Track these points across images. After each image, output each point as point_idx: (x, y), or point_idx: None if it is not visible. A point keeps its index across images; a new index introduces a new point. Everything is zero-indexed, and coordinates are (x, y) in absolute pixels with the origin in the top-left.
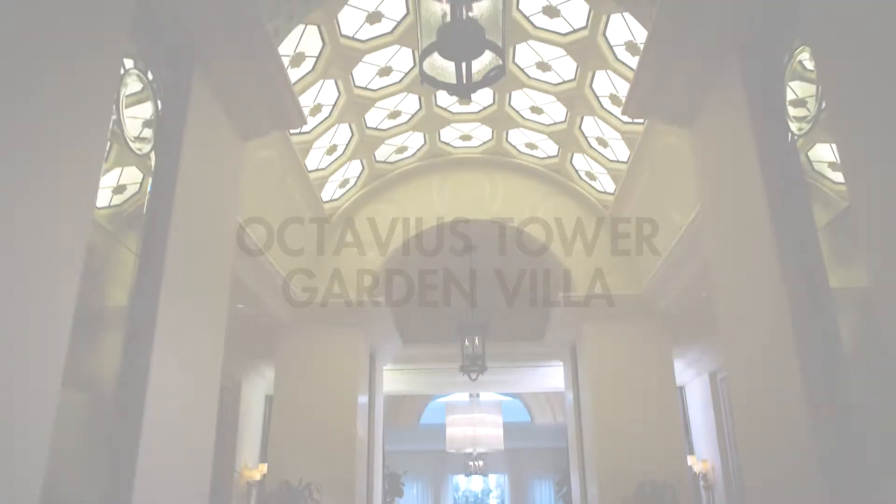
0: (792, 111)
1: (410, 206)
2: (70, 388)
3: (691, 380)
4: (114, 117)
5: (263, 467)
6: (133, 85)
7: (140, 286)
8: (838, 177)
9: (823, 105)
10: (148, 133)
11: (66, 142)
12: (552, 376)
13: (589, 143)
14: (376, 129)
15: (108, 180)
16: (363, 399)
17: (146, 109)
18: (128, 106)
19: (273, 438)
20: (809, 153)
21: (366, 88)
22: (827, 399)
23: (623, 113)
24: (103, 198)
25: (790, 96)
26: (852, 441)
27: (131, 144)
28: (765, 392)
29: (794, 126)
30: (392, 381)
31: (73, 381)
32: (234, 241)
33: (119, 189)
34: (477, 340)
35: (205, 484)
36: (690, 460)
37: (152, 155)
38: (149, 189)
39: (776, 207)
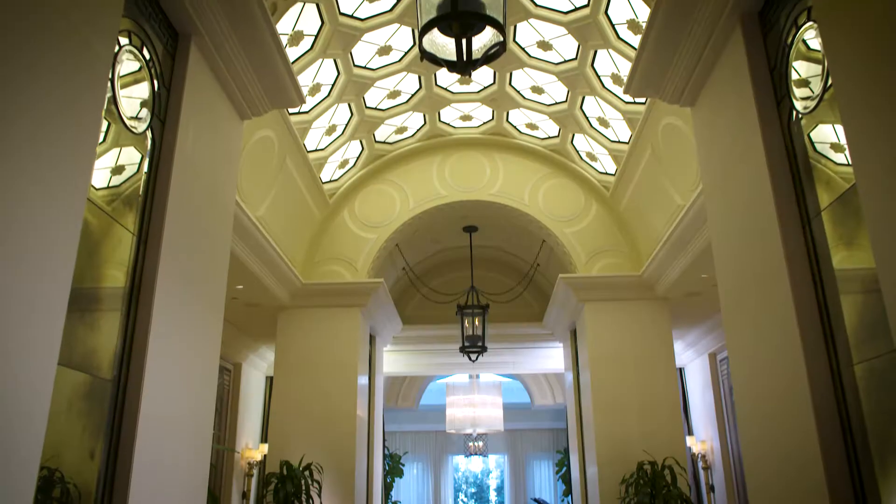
0: (797, 91)
1: (410, 187)
2: (67, 369)
3: (691, 361)
4: (109, 95)
5: (264, 447)
6: (129, 64)
7: (138, 266)
8: (841, 158)
9: (829, 83)
10: (144, 112)
11: (60, 120)
12: (552, 357)
13: (590, 123)
14: (376, 108)
15: (106, 161)
16: (363, 380)
17: (143, 88)
18: (124, 86)
19: (273, 419)
20: (812, 134)
21: (365, 68)
22: (830, 381)
23: (625, 92)
24: (101, 179)
25: (795, 75)
26: (856, 424)
27: (128, 123)
28: (767, 374)
29: (799, 105)
30: (392, 361)
31: (71, 362)
32: (231, 220)
33: (118, 170)
34: (477, 322)
35: (205, 464)
36: (689, 441)
37: (148, 133)
38: (145, 168)
39: (780, 187)
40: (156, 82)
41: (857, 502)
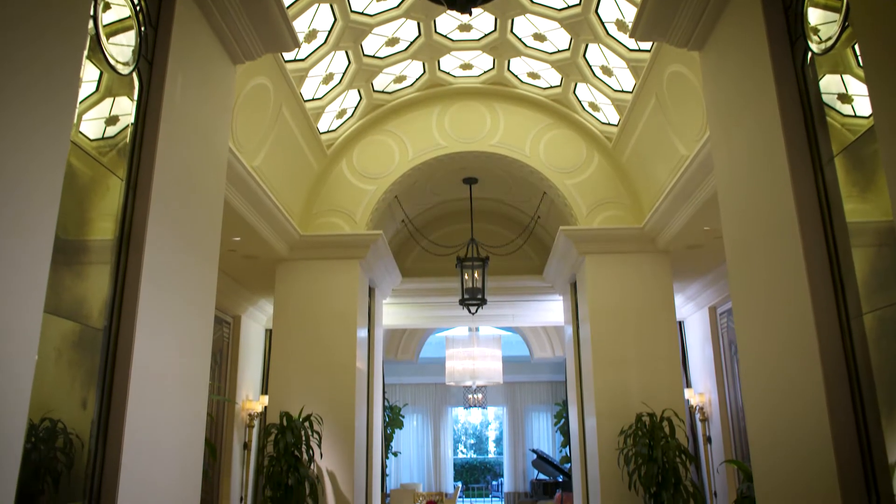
0: (812, 33)
1: (409, 138)
2: (57, 317)
3: (690, 314)
4: (92, 33)
5: (264, 399)
6: (118, 10)
7: (127, 213)
8: (856, 102)
9: (848, 22)
10: (131, 54)
11: (40, 62)
12: (552, 310)
13: (593, 71)
14: (374, 57)
15: (98, 112)
16: (362, 332)
17: (130, 31)
18: (109, 27)
19: (273, 371)
20: (827, 76)
21: (363, 14)
22: (838, 331)
23: (630, 36)
24: (94, 129)
25: (812, 14)
26: (864, 374)
27: (113, 63)
28: (773, 325)
29: (814, 46)
30: (391, 314)
31: (59, 310)
32: (225, 167)
33: (111, 120)
34: (476, 274)
35: (201, 414)
36: (687, 393)
37: (135, 76)
38: (133, 112)
39: (791, 132)
40: (142, 19)
41: (862, 453)
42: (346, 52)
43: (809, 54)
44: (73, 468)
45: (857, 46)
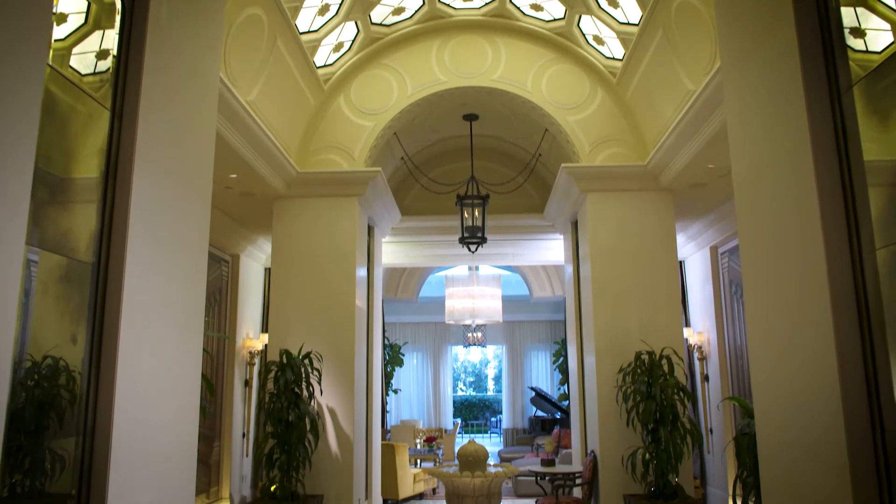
0: None
1: (408, 73)
2: (43, 250)
3: (691, 254)
4: None
5: (265, 337)
6: None
7: (113, 143)
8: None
9: None
10: None
11: None
12: (552, 249)
13: (598, 3)
14: None
15: (90, 44)
16: (361, 270)
17: None
18: None
19: (273, 309)
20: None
21: None
22: (850, 267)
23: None
24: (87, 63)
25: None
26: (874, 313)
27: None
28: (780, 262)
29: None
30: (391, 253)
31: (44, 243)
32: (216, 99)
33: (102, 55)
34: (477, 212)
35: (197, 349)
36: (686, 332)
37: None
38: (116, 38)
39: (809, 57)
40: None
41: (870, 391)
42: None
43: None
44: (67, 404)
45: None
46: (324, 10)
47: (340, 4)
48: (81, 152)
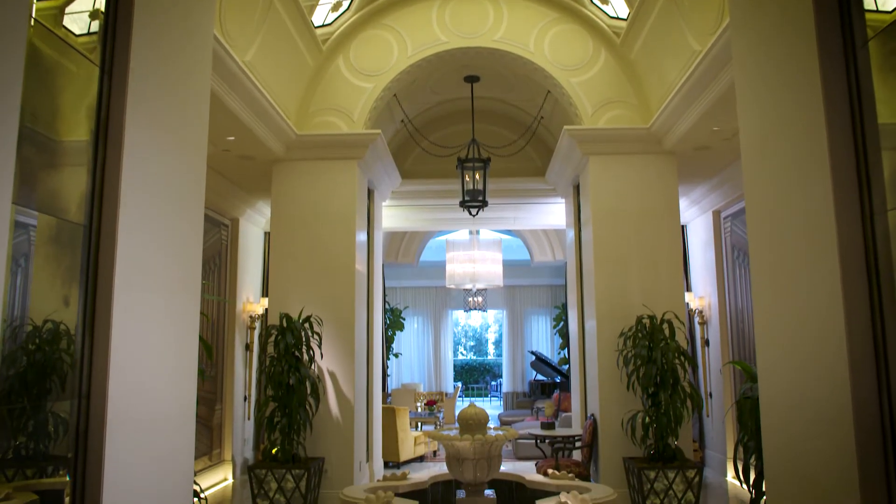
0: None
1: (408, 33)
2: (29, 210)
3: (694, 218)
4: None
5: (265, 302)
6: None
7: (103, 100)
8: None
9: None
10: None
11: None
12: (553, 213)
13: None
14: None
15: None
16: (361, 234)
17: None
18: None
19: (273, 273)
20: None
21: None
22: (860, 230)
23: None
24: (75, 19)
25: None
26: (885, 276)
27: None
28: (788, 225)
29: None
30: (391, 217)
31: (33, 203)
32: (209, 55)
33: (92, 11)
34: (478, 176)
35: (194, 311)
36: (687, 297)
37: None
38: None
39: (824, 14)
40: None
41: (878, 355)
42: None
43: None
44: (58, 365)
45: None
46: None
47: None
48: (70, 110)
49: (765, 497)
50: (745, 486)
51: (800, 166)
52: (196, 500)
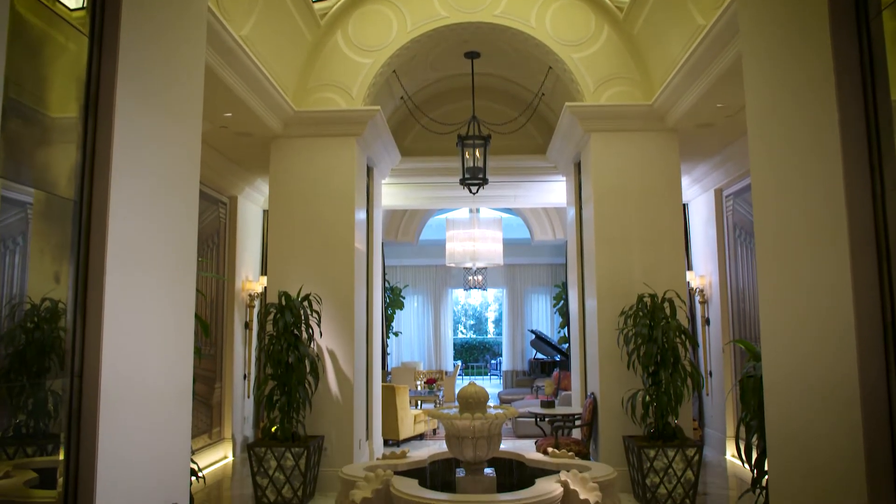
0: None
1: (408, 7)
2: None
3: (695, 197)
4: None
5: (264, 280)
6: None
7: (93, 75)
8: None
9: None
10: None
11: None
12: (554, 192)
13: None
14: None
15: None
16: (360, 212)
17: None
18: None
19: (271, 251)
20: None
21: None
22: (870, 204)
23: None
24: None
25: None
26: (893, 255)
27: None
28: (797, 203)
29: None
30: (391, 195)
31: (20, 177)
32: (204, 27)
33: None
34: (478, 153)
35: (189, 287)
36: (688, 276)
37: None
38: None
39: None
40: None
41: (886, 333)
42: None
43: None
44: (53, 344)
45: None
46: None
47: None
48: (59, 81)
49: (767, 476)
50: (746, 465)
51: (809, 141)
52: (194, 478)
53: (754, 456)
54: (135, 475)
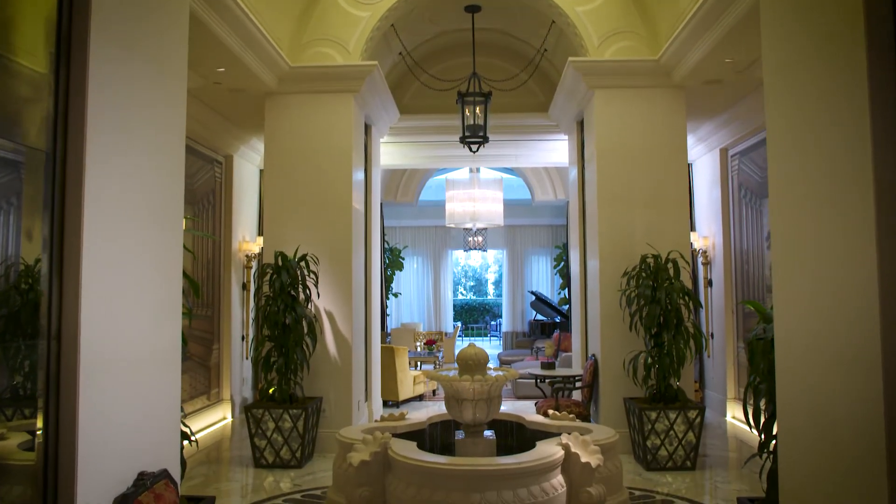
0: None
1: None
2: None
3: (700, 156)
4: None
5: (261, 240)
6: None
7: (65, 16)
8: None
9: None
10: None
11: None
12: (556, 151)
13: None
14: None
15: None
16: (358, 171)
17: None
18: None
19: (267, 211)
20: None
21: None
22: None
23: None
24: None
25: None
26: None
27: None
28: (816, 158)
29: None
30: (389, 153)
31: None
32: None
33: None
34: (478, 110)
35: (176, 247)
36: (691, 237)
37: None
38: None
39: None
40: None
41: None
42: None
43: None
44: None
45: None
46: None
47: None
48: (26, 22)
49: (774, 441)
50: (754, 430)
51: (833, 91)
52: (186, 442)
53: (762, 420)
54: (119, 440)
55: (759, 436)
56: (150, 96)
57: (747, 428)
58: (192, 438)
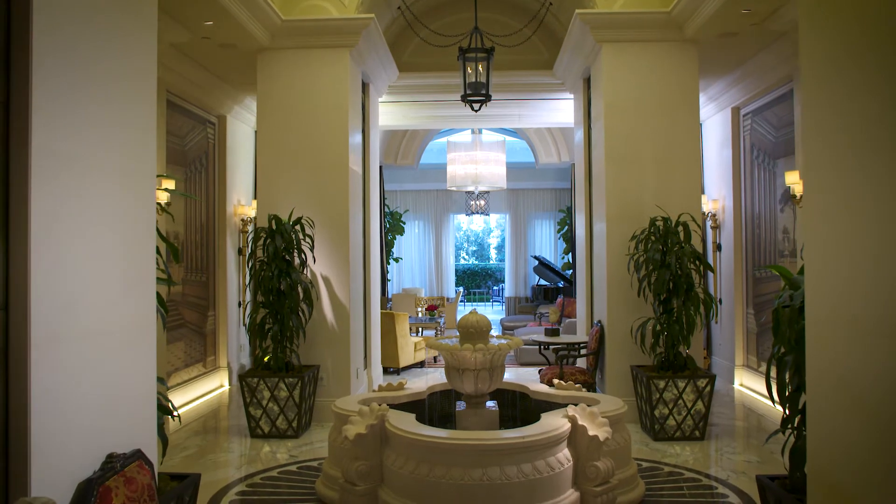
0: None
1: None
2: None
3: (710, 116)
4: None
5: (257, 204)
6: None
7: None
8: None
9: None
10: None
11: None
12: (561, 111)
13: None
14: None
15: None
16: (356, 131)
17: None
18: None
19: (260, 172)
20: None
21: None
22: None
23: None
24: None
25: None
26: None
27: None
28: (861, 104)
29: None
30: (388, 114)
31: None
32: None
33: None
34: (481, 67)
35: (147, 206)
36: (701, 199)
37: None
38: None
39: None
40: None
41: None
42: None
43: None
44: None
45: None
46: None
47: None
48: None
49: (799, 416)
50: (778, 405)
51: (881, 24)
52: (170, 417)
53: (787, 392)
54: (82, 420)
55: (784, 410)
56: (113, 39)
57: (757, 396)
58: (175, 414)
